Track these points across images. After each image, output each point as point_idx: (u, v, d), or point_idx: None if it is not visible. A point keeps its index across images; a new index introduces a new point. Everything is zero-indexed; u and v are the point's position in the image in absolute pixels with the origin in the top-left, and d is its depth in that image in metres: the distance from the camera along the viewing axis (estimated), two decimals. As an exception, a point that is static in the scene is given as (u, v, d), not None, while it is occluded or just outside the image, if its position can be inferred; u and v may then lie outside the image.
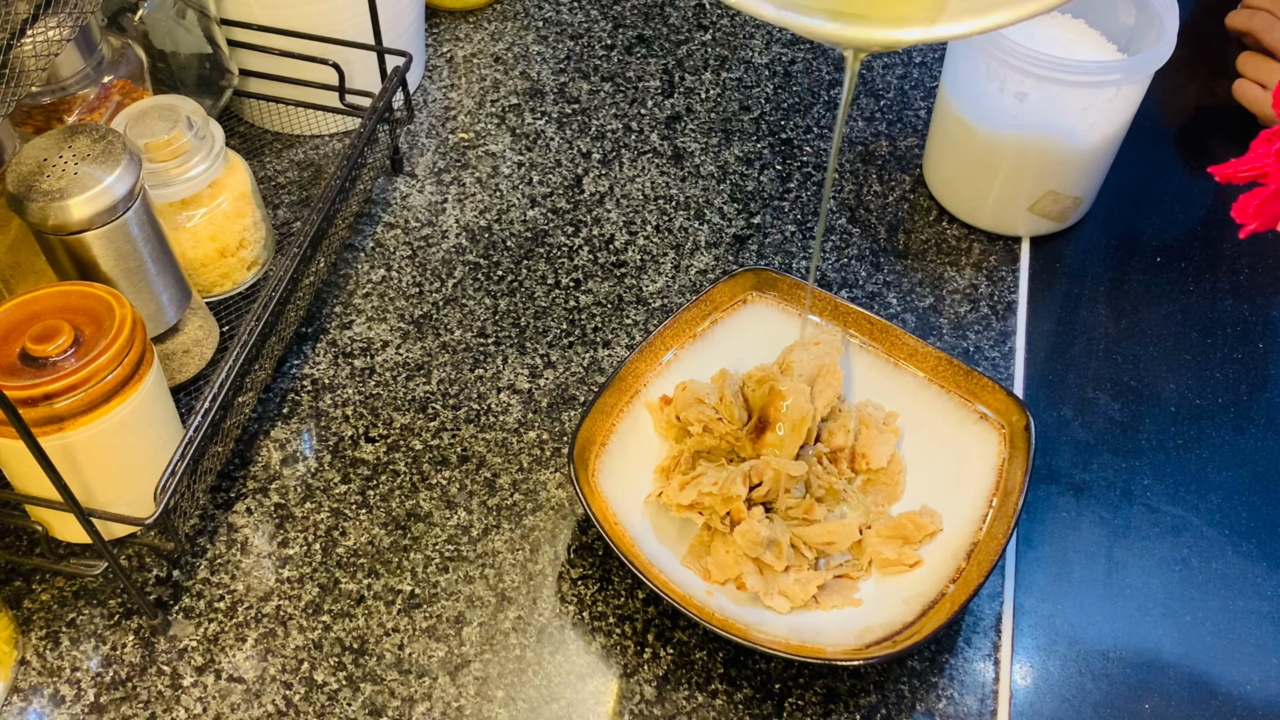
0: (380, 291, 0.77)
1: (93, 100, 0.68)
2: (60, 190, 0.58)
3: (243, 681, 0.60)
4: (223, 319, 0.72)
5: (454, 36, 0.94)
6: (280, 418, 0.70)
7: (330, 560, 0.64)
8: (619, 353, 0.74)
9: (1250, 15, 0.86)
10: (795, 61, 0.93)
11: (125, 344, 0.56)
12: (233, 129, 0.86)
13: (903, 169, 0.85)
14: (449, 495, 0.67)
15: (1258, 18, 0.85)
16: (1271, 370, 0.73)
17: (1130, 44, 0.76)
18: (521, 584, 0.63)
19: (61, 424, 0.55)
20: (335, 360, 0.73)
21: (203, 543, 0.65)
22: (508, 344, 0.74)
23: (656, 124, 0.88)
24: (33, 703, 0.59)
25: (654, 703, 0.59)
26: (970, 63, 0.75)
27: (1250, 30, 0.85)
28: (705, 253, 0.79)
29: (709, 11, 0.97)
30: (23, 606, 0.62)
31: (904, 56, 0.93)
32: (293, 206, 0.81)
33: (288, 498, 0.67)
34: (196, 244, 0.69)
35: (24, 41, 0.48)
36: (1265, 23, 0.84)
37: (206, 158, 0.67)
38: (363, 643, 0.61)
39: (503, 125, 0.88)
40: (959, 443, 0.65)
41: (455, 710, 0.59)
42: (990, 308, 0.76)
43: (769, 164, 0.85)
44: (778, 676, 0.60)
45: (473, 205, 0.82)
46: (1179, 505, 0.67)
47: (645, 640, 0.62)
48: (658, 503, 0.63)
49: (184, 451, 0.60)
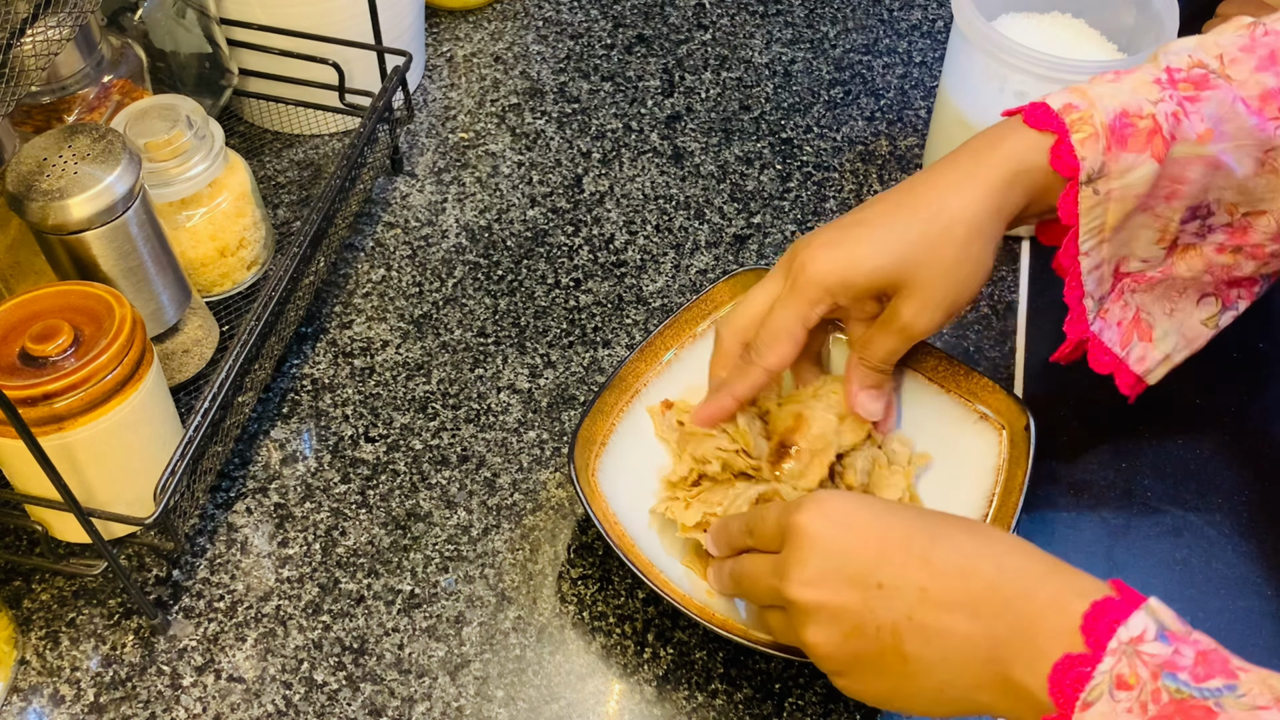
0: (380, 291, 0.77)
1: (92, 100, 0.68)
2: (60, 190, 0.58)
3: (243, 681, 0.60)
4: (223, 319, 0.72)
5: (454, 36, 0.94)
6: (280, 417, 0.70)
7: (330, 560, 0.64)
8: (619, 352, 0.74)
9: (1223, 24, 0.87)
10: (795, 61, 0.93)
11: (125, 344, 0.56)
12: (233, 129, 0.86)
13: (903, 169, 0.85)
14: (449, 495, 0.67)
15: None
16: (1271, 370, 0.73)
17: (1130, 44, 0.76)
18: (521, 584, 0.63)
19: (61, 424, 0.55)
20: (335, 360, 0.73)
21: (202, 543, 0.65)
22: (508, 344, 0.74)
23: (656, 124, 0.88)
24: (33, 702, 0.59)
25: (654, 703, 0.59)
26: (970, 62, 0.74)
27: None
28: (705, 252, 0.79)
29: (709, 11, 0.97)
30: (23, 606, 0.62)
31: (904, 56, 0.93)
32: (293, 206, 0.81)
33: (287, 497, 0.67)
34: (196, 244, 0.69)
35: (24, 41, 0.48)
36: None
37: (206, 157, 0.67)
38: (363, 643, 0.61)
39: (503, 125, 0.88)
40: (959, 443, 0.65)
41: (455, 710, 0.59)
42: (990, 308, 0.76)
43: (769, 164, 0.85)
44: (778, 676, 0.60)
45: (473, 205, 0.82)
46: (1179, 505, 0.67)
47: (645, 640, 0.62)
48: (664, 517, 0.62)
49: (184, 451, 0.60)
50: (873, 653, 0.49)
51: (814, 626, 0.50)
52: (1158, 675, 0.42)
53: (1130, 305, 0.63)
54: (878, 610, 0.48)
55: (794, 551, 0.51)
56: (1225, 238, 0.61)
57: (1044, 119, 0.56)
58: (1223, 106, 0.57)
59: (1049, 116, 0.56)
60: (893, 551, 0.49)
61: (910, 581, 0.48)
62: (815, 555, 0.50)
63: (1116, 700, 0.42)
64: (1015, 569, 0.47)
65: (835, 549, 0.50)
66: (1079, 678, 0.43)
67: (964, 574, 0.48)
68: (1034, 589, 0.46)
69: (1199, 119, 0.56)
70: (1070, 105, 0.56)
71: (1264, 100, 0.57)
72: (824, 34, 0.95)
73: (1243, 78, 0.57)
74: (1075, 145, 0.55)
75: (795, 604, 0.51)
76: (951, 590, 0.47)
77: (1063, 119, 0.56)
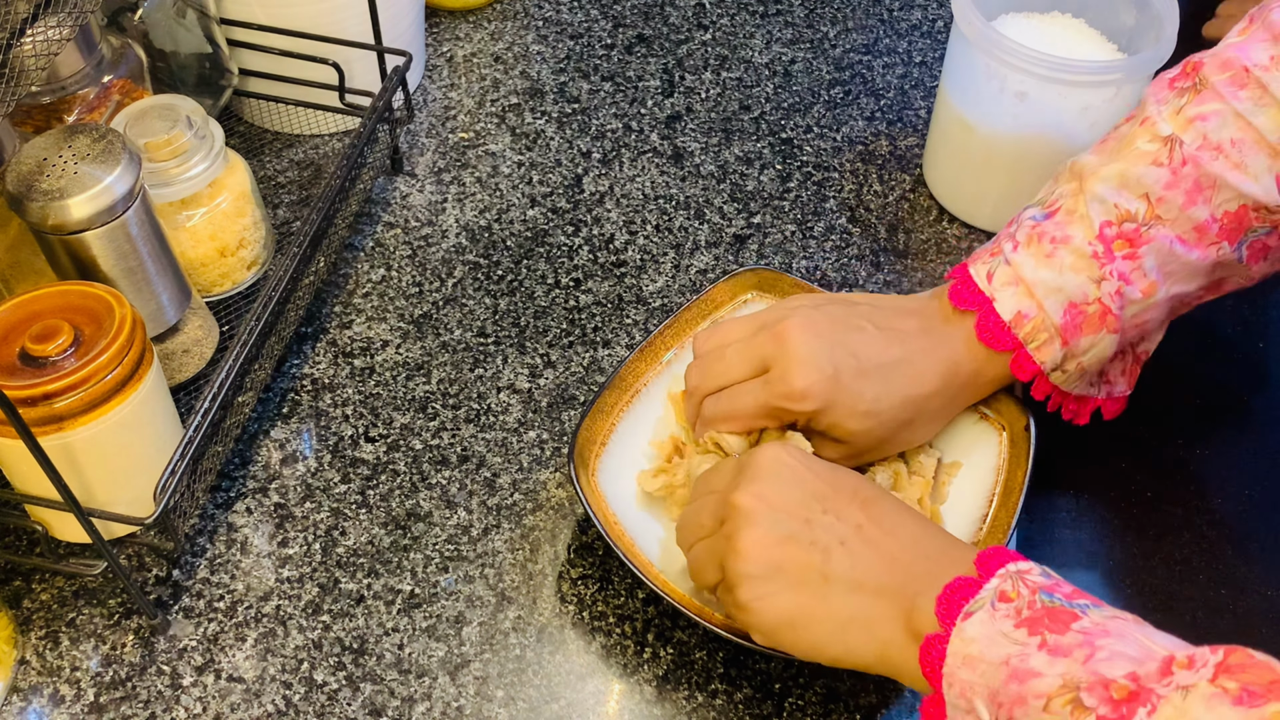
0: (380, 291, 0.77)
1: (92, 100, 0.68)
2: (60, 190, 0.58)
3: (242, 681, 0.60)
4: (223, 319, 0.72)
5: (454, 36, 0.94)
6: (280, 417, 0.70)
7: (330, 560, 0.64)
8: (619, 352, 0.74)
9: (1224, 22, 0.88)
10: (795, 61, 0.93)
11: (125, 344, 0.56)
12: (233, 129, 0.86)
13: (903, 169, 0.85)
14: (449, 495, 0.67)
15: (1229, 25, 0.86)
16: (1271, 370, 0.73)
17: (1130, 44, 0.76)
18: (521, 584, 0.63)
19: (61, 424, 0.55)
20: (335, 360, 0.73)
21: (202, 542, 0.65)
22: (508, 344, 0.74)
23: (656, 124, 0.88)
24: (33, 702, 0.59)
25: (654, 703, 0.59)
26: (970, 62, 0.74)
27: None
28: (705, 252, 0.79)
29: (709, 11, 0.97)
30: (23, 606, 0.62)
31: (904, 56, 0.93)
32: (293, 206, 0.81)
33: (287, 497, 0.67)
34: (196, 244, 0.69)
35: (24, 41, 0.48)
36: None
37: (206, 157, 0.67)
38: (363, 642, 0.61)
39: (503, 125, 0.88)
40: (959, 443, 0.65)
41: (455, 710, 0.59)
42: (990, 307, 0.76)
43: (769, 164, 0.85)
44: (778, 676, 0.60)
45: (473, 205, 0.82)
46: (1179, 505, 0.67)
47: (645, 640, 0.62)
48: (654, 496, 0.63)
49: (184, 451, 0.60)
50: (799, 564, 0.52)
51: (751, 528, 0.52)
52: (1035, 592, 0.47)
53: (1128, 355, 0.64)
54: (816, 529, 0.52)
55: (753, 469, 0.54)
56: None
57: (997, 335, 0.60)
58: (1161, 254, 0.58)
59: (1002, 332, 0.60)
60: (842, 492, 0.54)
61: (850, 518, 0.53)
62: (773, 474, 0.54)
63: (996, 609, 0.47)
64: (937, 534, 0.53)
65: (794, 476, 0.54)
66: (966, 594, 0.48)
67: (896, 526, 0.53)
68: (951, 545, 0.52)
69: (1141, 276, 0.58)
70: (1020, 316, 0.59)
71: (1200, 233, 0.58)
72: (824, 34, 0.95)
73: (1173, 216, 0.58)
74: (1032, 354, 0.60)
75: (737, 506, 0.53)
76: (883, 535, 0.52)
77: (1015, 334, 0.59)
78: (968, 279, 0.61)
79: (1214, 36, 0.88)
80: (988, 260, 0.61)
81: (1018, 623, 0.46)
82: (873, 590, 0.51)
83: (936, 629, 0.48)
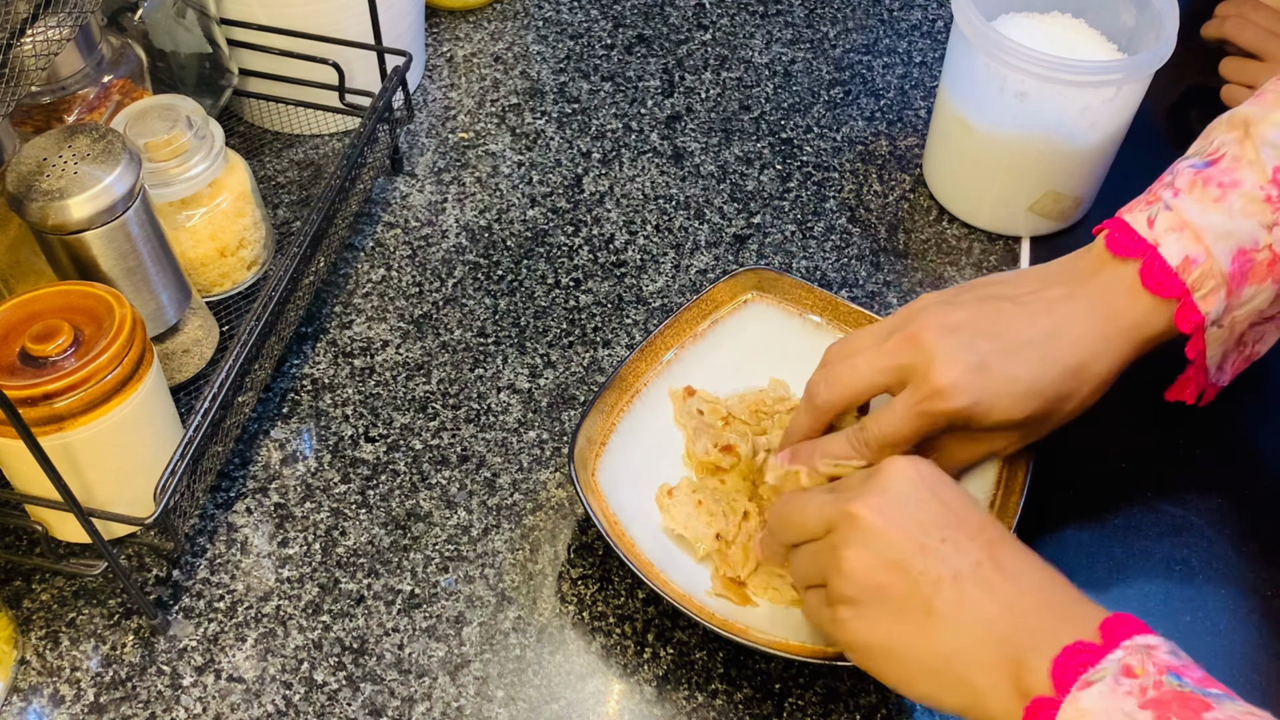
0: (380, 291, 0.77)
1: (92, 100, 0.68)
2: (60, 190, 0.58)
3: (243, 681, 0.60)
4: (223, 319, 0.72)
5: (454, 36, 0.94)
6: (280, 417, 0.70)
7: (330, 560, 0.64)
8: (619, 352, 0.74)
9: (1221, 22, 0.87)
10: (795, 61, 0.93)
11: (125, 344, 0.56)
12: (233, 129, 0.86)
13: (903, 169, 0.85)
14: (449, 495, 0.67)
15: (1229, 23, 0.86)
16: (1271, 370, 0.73)
17: (1130, 44, 0.76)
18: (521, 584, 0.63)
19: (61, 424, 0.55)
20: (335, 360, 0.73)
21: (202, 543, 0.65)
22: (508, 344, 0.74)
23: (656, 124, 0.88)
24: (33, 702, 0.59)
25: (654, 703, 0.59)
26: (970, 62, 0.74)
27: (1224, 36, 0.87)
28: (705, 252, 0.79)
29: (709, 11, 0.97)
30: (23, 606, 0.62)
31: (904, 56, 0.93)
32: (293, 206, 0.81)
33: (288, 497, 0.67)
34: (196, 244, 0.69)
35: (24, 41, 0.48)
36: (1237, 26, 0.86)
37: (206, 157, 0.67)
38: (363, 643, 0.61)
39: (503, 125, 0.88)
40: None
41: (455, 710, 0.59)
42: (990, 308, 0.76)
43: (769, 164, 0.85)
44: (778, 676, 0.60)
45: (473, 205, 0.82)
46: (1179, 505, 0.67)
47: (645, 640, 0.62)
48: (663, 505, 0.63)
49: (184, 451, 0.60)
50: (903, 593, 0.49)
51: (859, 546, 0.50)
52: (1163, 672, 0.43)
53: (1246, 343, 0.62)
54: (930, 559, 0.49)
55: (880, 479, 0.51)
56: None
57: (1164, 281, 0.55)
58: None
59: (1169, 278, 0.55)
60: (967, 525, 0.50)
61: (970, 553, 0.49)
62: (898, 490, 0.51)
63: (1119, 684, 0.43)
64: (1062, 588, 0.49)
65: (919, 497, 0.51)
66: (1087, 661, 0.44)
67: (1018, 573, 0.49)
68: (1075, 601, 0.48)
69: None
70: (1188, 261, 0.55)
71: None
72: (824, 34, 0.95)
73: None
74: (1198, 303, 0.56)
75: (853, 517, 0.50)
76: (1001, 579, 0.48)
77: (1183, 280, 0.55)
78: (1125, 227, 0.57)
79: (1212, 37, 0.88)
80: (1145, 208, 0.57)
81: (1142, 703, 0.42)
82: (979, 635, 0.47)
83: (1049, 692, 0.44)
